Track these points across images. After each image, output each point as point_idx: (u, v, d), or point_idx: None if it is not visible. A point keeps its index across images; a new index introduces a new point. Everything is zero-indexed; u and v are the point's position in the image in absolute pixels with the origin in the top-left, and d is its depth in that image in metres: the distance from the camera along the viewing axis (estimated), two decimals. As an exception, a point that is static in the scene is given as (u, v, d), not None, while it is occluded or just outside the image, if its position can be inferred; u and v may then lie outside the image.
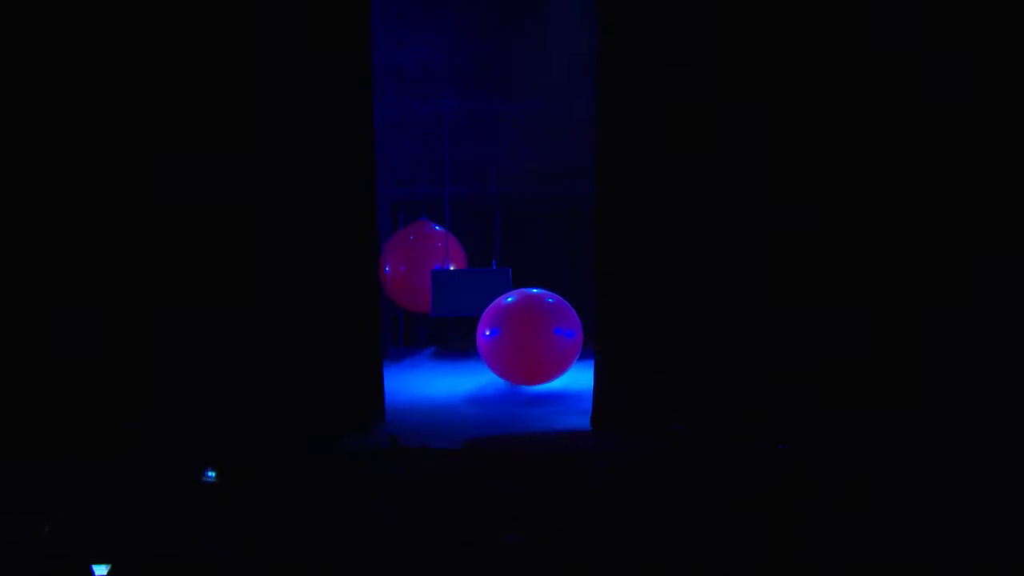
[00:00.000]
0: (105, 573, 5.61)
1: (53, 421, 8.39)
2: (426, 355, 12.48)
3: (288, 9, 8.67)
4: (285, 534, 6.03)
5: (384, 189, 13.20)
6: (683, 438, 7.93)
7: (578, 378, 10.64)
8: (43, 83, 8.60)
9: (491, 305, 10.46)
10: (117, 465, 7.37)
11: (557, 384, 10.59)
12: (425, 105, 12.80)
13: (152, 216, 8.67)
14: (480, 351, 10.39)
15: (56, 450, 7.87)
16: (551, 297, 10.48)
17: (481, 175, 12.90)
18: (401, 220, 13.33)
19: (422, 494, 6.64)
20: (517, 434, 8.88)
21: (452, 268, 12.15)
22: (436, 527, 6.09)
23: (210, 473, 7.04)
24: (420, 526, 6.13)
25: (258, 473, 7.18)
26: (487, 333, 10.25)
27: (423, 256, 12.30)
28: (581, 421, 9.26)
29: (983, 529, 5.89)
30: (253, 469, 7.21)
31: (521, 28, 12.72)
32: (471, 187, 12.91)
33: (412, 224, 12.84)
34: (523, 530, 6.02)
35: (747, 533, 5.94)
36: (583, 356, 10.71)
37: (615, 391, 8.92)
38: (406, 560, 5.79)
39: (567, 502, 6.54)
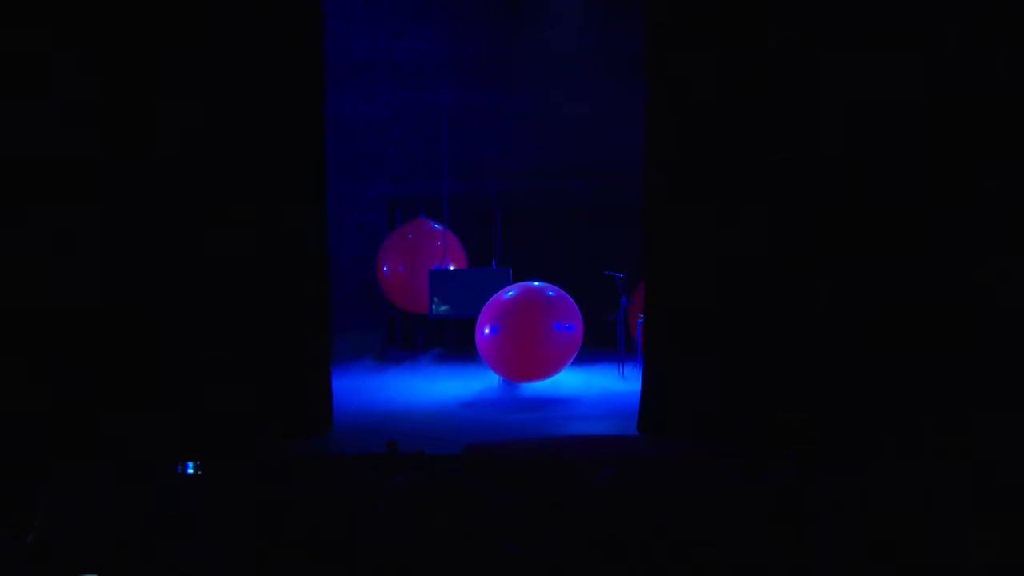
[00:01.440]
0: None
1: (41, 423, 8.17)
2: (428, 357, 12.29)
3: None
4: (278, 540, 5.84)
5: (381, 187, 13.08)
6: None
7: (579, 380, 10.54)
8: None
9: (490, 300, 10.24)
10: (103, 467, 7.17)
11: (557, 387, 10.42)
12: (423, 99, 12.64)
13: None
14: (479, 348, 10.16)
15: (42, 452, 7.65)
16: (551, 290, 10.25)
17: (481, 171, 12.73)
18: (399, 218, 13.14)
19: (421, 501, 6.44)
20: (518, 439, 8.69)
21: (451, 267, 11.95)
22: (435, 535, 5.89)
23: (188, 466, 6.88)
24: (419, 534, 5.93)
25: (241, 476, 6.99)
26: (486, 331, 10.01)
27: (421, 255, 12.11)
28: (583, 426, 9.08)
29: None
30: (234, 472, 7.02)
31: (521, 20, 12.57)
32: (470, 184, 12.74)
33: (410, 222, 12.65)
34: (524, 538, 5.83)
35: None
36: (582, 356, 10.57)
37: (664, 395, 8.64)
38: (404, 568, 5.59)
39: (569, 509, 6.35)
